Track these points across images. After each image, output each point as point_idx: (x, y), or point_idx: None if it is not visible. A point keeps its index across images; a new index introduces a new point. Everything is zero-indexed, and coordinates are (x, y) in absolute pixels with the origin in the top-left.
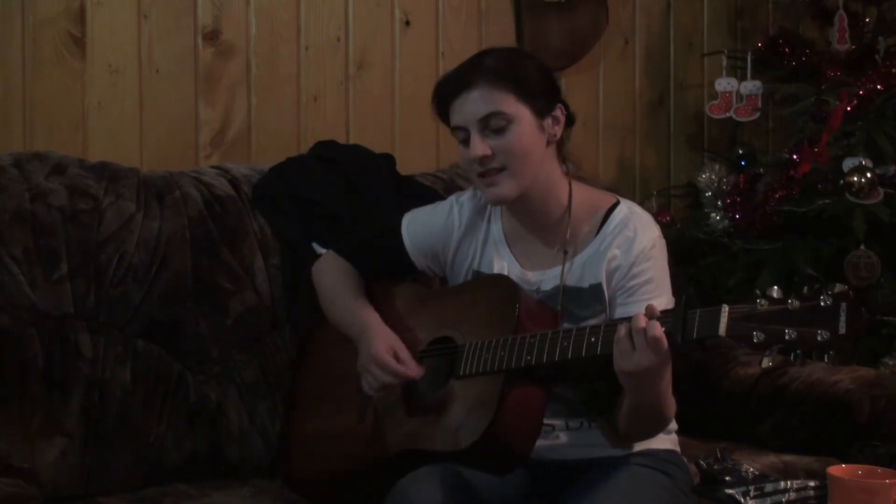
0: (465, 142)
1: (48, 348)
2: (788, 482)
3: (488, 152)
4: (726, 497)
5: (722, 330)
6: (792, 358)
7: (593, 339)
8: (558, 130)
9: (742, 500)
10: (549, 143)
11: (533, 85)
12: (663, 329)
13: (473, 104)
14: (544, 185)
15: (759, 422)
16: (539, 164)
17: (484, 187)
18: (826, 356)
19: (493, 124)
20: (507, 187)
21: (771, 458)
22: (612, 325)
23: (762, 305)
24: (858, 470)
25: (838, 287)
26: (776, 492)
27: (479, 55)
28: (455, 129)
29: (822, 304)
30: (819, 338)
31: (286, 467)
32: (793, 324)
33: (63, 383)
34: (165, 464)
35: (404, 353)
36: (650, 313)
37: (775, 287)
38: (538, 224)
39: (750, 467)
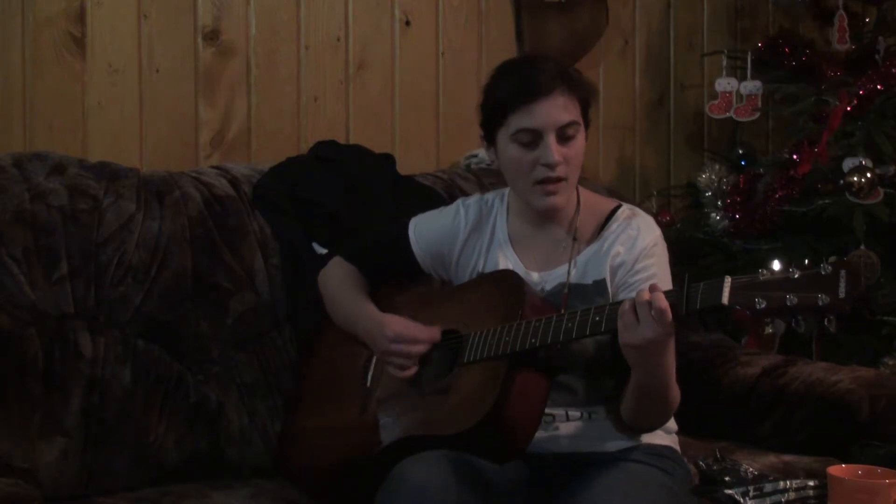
0: (528, 145)
1: (48, 348)
2: (788, 482)
3: (562, 159)
4: (726, 497)
5: (725, 298)
6: (793, 324)
7: (598, 318)
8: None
9: (741, 500)
10: None
11: (590, 99)
12: (667, 301)
13: (557, 109)
14: None
15: (759, 422)
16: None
17: (541, 195)
18: (827, 320)
19: (568, 133)
20: (563, 197)
21: (771, 458)
22: (616, 303)
23: (763, 275)
24: (858, 470)
25: (834, 259)
26: (776, 492)
27: (537, 60)
28: (521, 132)
29: (822, 272)
30: (819, 302)
31: (287, 462)
32: (794, 290)
33: (63, 383)
34: (165, 464)
35: (417, 324)
36: (653, 288)
37: (776, 261)
38: (546, 226)
39: (749, 467)
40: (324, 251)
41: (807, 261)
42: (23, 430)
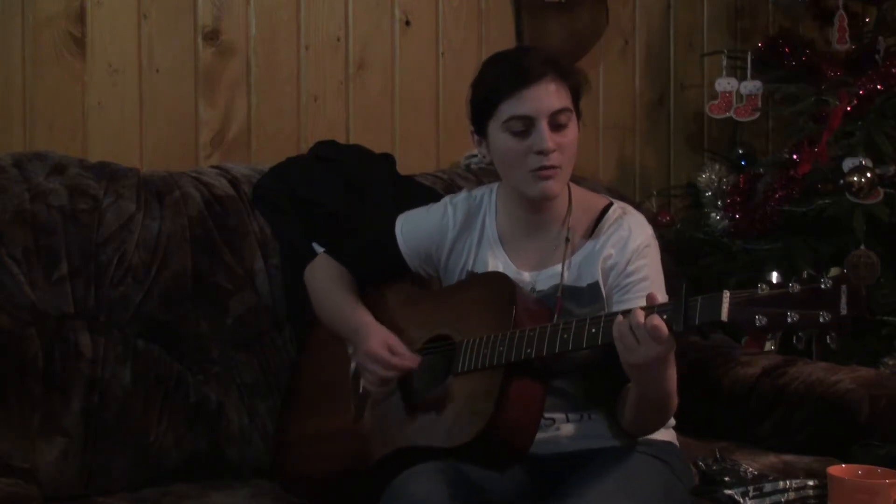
0: (521, 134)
1: (48, 348)
2: (787, 482)
3: (555, 147)
4: (726, 497)
5: (724, 315)
6: (794, 341)
7: (594, 331)
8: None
9: (741, 500)
10: None
11: (581, 88)
12: (665, 317)
13: (549, 96)
14: None
15: (759, 422)
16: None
17: (536, 182)
18: (828, 337)
19: (561, 120)
20: (558, 183)
21: (771, 458)
22: (612, 315)
23: (763, 290)
24: (858, 470)
25: (835, 270)
26: (775, 492)
27: (526, 49)
28: (513, 119)
29: (822, 286)
30: (821, 319)
31: (282, 468)
32: (794, 307)
33: (63, 383)
34: (165, 464)
35: (399, 347)
36: (650, 301)
37: (774, 273)
38: (537, 224)
39: (749, 467)
40: (324, 251)
41: (806, 273)
42: (23, 430)
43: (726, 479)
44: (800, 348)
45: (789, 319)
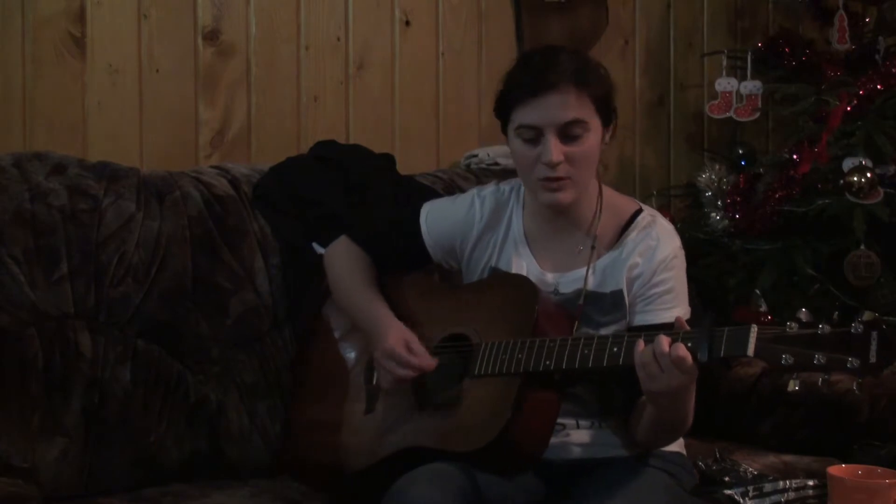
0: (531, 141)
1: (48, 348)
2: (787, 482)
3: (562, 158)
4: (725, 498)
5: (750, 350)
6: (819, 383)
7: (615, 350)
8: (608, 137)
9: (741, 500)
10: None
11: (606, 95)
12: (689, 345)
13: (557, 107)
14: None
15: (759, 422)
16: (594, 170)
17: (544, 191)
18: (855, 384)
19: (573, 131)
20: (569, 194)
21: (771, 458)
22: (635, 336)
23: (791, 328)
24: (858, 470)
25: (868, 315)
26: (775, 492)
27: (553, 53)
28: (522, 128)
29: (852, 331)
30: (849, 365)
31: (289, 455)
32: (822, 349)
33: (63, 383)
34: (165, 464)
35: (417, 346)
36: (679, 326)
37: (803, 310)
38: (564, 225)
39: (749, 467)
40: (323, 251)
41: (836, 314)
42: (23, 430)
43: (726, 479)
44: (823, 392)
45: (816, 361)
